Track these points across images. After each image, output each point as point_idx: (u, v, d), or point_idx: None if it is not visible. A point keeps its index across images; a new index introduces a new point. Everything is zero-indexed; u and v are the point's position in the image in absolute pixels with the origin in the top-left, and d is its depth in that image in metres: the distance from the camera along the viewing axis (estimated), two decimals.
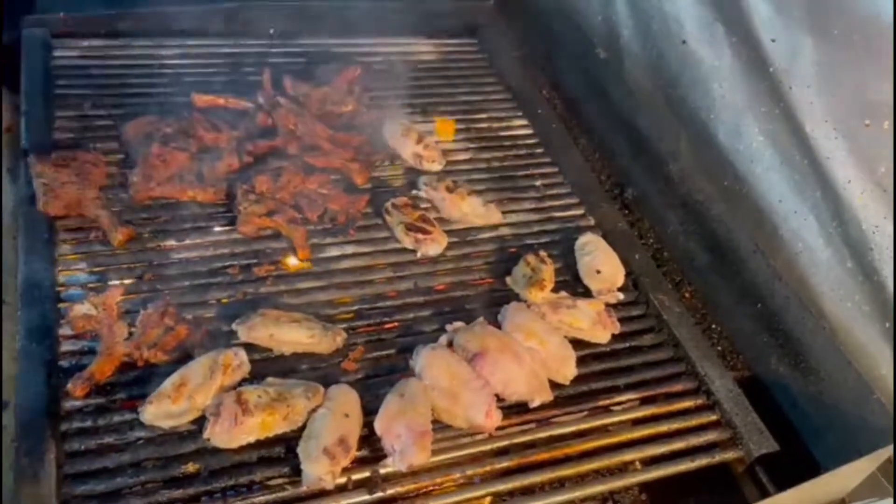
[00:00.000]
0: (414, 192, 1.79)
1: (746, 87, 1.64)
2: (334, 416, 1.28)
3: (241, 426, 1.24)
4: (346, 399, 1.32)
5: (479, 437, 1.36)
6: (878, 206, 1.38)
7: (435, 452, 1.30)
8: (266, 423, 1.26)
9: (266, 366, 1.40)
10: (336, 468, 1.22)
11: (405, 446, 1.25)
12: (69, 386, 1.28)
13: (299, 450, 1.24)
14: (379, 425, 1.29)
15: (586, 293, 1.64)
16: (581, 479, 1.36)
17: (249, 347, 1.39)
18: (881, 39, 1.29)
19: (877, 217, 1.38)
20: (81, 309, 1.35)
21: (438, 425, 1.34)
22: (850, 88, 1.40)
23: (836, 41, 1.40)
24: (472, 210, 1.75)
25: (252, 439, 1.26)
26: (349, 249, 1.65)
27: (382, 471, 1.27)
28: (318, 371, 1.41)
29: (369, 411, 1.33)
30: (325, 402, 1.31)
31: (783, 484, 1.26)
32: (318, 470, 1.21)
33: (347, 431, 1.27)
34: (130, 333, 1.36)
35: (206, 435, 1.23)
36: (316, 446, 1.23)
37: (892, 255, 1.36)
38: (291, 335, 1.40)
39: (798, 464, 1.43)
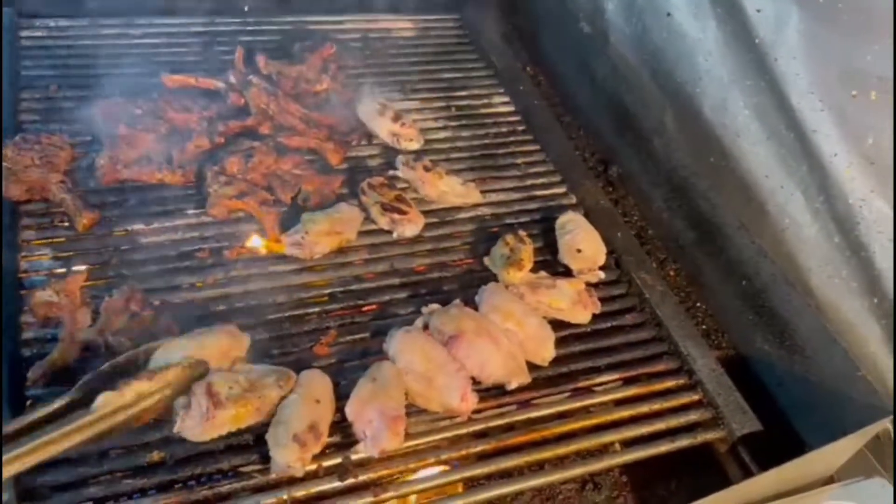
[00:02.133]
0: (391, 171, 1.74)
1: (732, 60, 1.59)
2: (305, 402, 1.24)
3: (212, 420, 1.19)
4: (317, 384, 1.29)
5: (456, 420, 1.32)
6: (865, 180, 1.34)
7: (410, 437, 1.27)
8: (238, 416, 1.22)
9: None
10: (306, 455, 1.19)
11: (377, 431, 1.22)
12: (29, 374, 1.24)
13: (268, 436, 1.20)
14: (350, 410, 1.25)
15: (567, 273, 1.60)
16: (560, 462, 1.33)
17: None
18: (867, 8, 1.25)
19: (863, 191, 1.34)
20: (43, 296, 1.31)
21: (414, 409, 1.31)
22: (836, 59, 1.36)
23: (822, 10, 1.36)
24: (451, 189, 1.71)
25: (224, 432, 1.22)
26: None
27: (354, 457, 1.24)
28: (289, 356, 1.38)
29: (343, 396, 1.30)
30: (295, 388, 1.27)
31: (767, 464, 1.23)
32: (288, 457, 1.17)
33: (318, 418, 1.23)
34: (94, 320, 1.32)
35: (176, 429, 1.19)
36: (285, 433, 1.20)
37: (879, 229, 1.33)
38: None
39: (784, 443, 1.41)
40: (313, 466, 1.21)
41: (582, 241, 1.61)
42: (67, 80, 1.79)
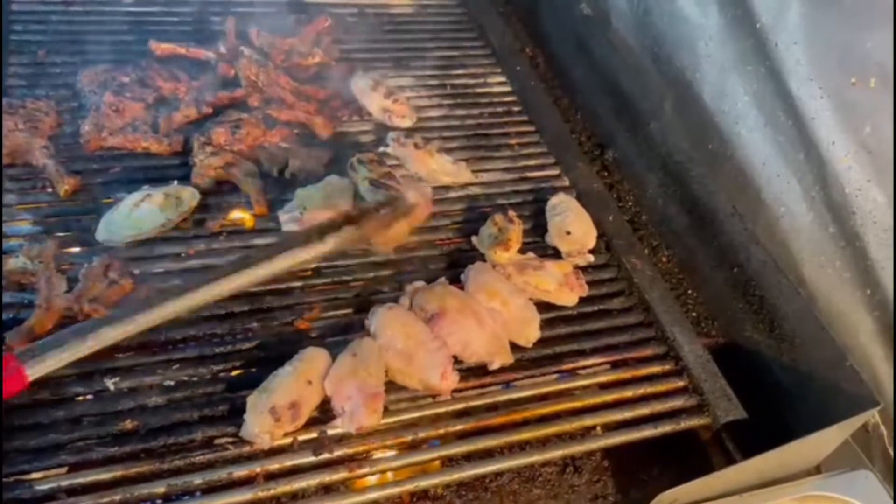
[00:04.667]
0: (381, 148, 1.71)
1: (733, 45, 1.56)
2: (296, 378, 1.22)
3: None
4: (315, 365, 1.25)
5: (437, 399, 1.30)
6: (862, 169, 1.31)
7: (389, 413, 1.26)
8: None
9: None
10: (277, 430, 1.17)
11: (355, 408, 1.20)
12: (7, 340, 1.22)
13: (250, 398, 1.19)
14: (329, 385, 1.23)
15: (556, 255, 1.58)
16: (541, 444, 1.30)
17: None
18: None
19: (860, 180, 1.32)
20: (16, 263, 1.29)
21: (394, 387, 1.29)
22: (837, 45, 1.33)
23: None
24: (441, 168, 1.68)
25: None
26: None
27: (331, 432, 1.22)
28: (271, 330, 1.36)
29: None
30: (294, 361, 1.25)
31: (751, 452, 1.21)
32: (259, 426, 1.16)
33: (303, 399, 1.21)
34: (71, 287, 1.30)
35: None
36: (265, 402, 1.18)
37: (874, 219, 1.31)
38: None
39: (770, 432, 1.38)
40: (288, 440, 1.20)
41: (571, 224, 1.58)
42: (56, 47, 1.77)
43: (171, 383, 1.25)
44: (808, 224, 1.44)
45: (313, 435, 1.21)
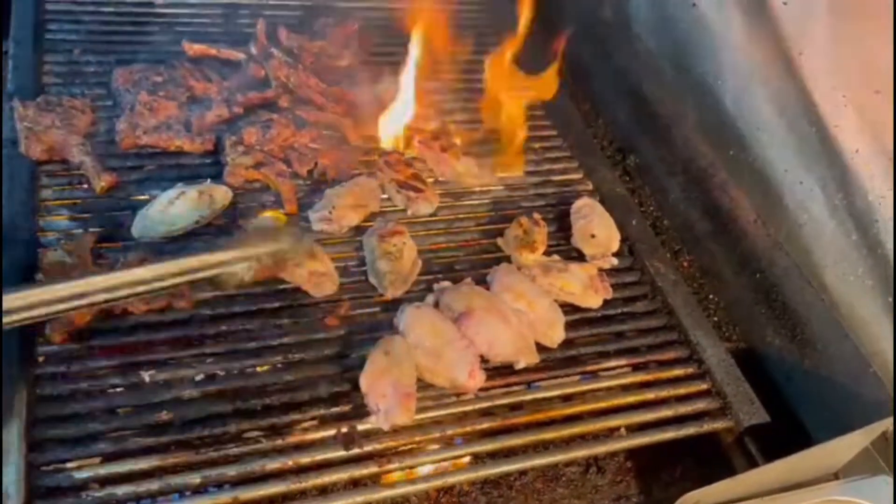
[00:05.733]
0: (408, 150, 1.74)
1: (755, 53, 1.58)
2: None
3: None
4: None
5: (463, 397, 1.33)
6: (885, 177, 1.32)
7: (417, 411, 1.27)
8: None
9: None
10: None
11: (391, 406, 1.22)
12: (47, 331, 1.25)
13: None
14: (364, 382, 1.25)
15: (580, 258, 1.60)
16: (565, 444, 1.32)
17: None
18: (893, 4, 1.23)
19: (882, 188, 1.33)
20: (54, 255, 1.32)
21: (421, 384, 1.31)
22: (860, 55, 1.34)
23: (849, 5, 1.34)
24: (467, 170, 1.71)
25: None
26: None
27: (361, 427, 1.24)
28: (300, 325, 1.38)
29: (349, 367, 1.31)
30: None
31: (773, 456, 1.22)
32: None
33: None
34: None
35: None
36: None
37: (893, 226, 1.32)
38: None
39: (791, 437, 1.40)
40: (318, 435, 1.22)
41: (596, 227, 1.61)
42: (90, 46, 1.80)
43: (204, 377, 1.28)
44: (830, 231, 1.45)
45: (344, 429, 1.24)
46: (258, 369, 1.31)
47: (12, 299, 1.01)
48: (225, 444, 1.19)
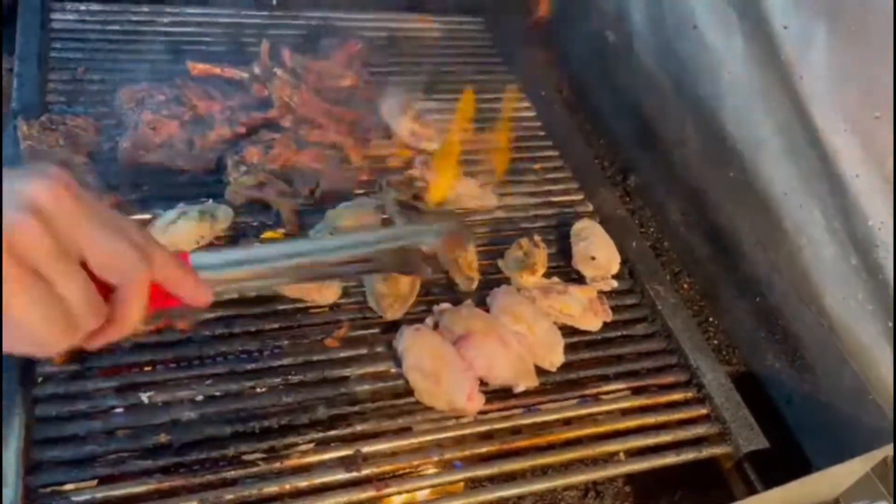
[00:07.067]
0: (409, 170, 1.75)
1: (757, 76, 1.58)
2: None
3: None
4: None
5: (462, 420, 1.32)
6: (886, 202, 1.33)
7: (416, 434, 1.28)
8: None
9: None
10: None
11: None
12: None
13: None
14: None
15: (580, 280, 1.60)
16: (564, 468, 1.32)
17: None
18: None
19: (882, 213, 1.33)
20: None
21: (419, 406, 1.31)
22: (862, 79, 1.34)
23: (849, 29, 1.35)
24: (467, 191, 1.71)
25: None
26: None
27: (364, 449, 1.24)
28: (299, 347, 1.38)
29: (349, 390, 1.31)
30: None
31: (772, 482, 1.22)
32: None
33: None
34: None
35: None
36: None
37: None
38: None
39: (790, 463, 1.40)
40: (320, 457, 1.22)
41: (596, 249, 1.61)
42: (95, 64, 1.81)
43: (203, 398, 1.28)
44: (830, 255, 1.45)
45: (345, 452, 1.23)
46: (257, 391, 1.31)
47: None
48: (223, 468, 1.19)
